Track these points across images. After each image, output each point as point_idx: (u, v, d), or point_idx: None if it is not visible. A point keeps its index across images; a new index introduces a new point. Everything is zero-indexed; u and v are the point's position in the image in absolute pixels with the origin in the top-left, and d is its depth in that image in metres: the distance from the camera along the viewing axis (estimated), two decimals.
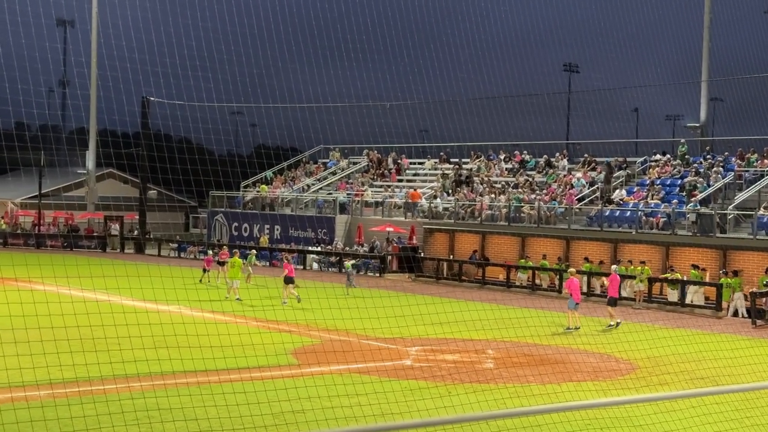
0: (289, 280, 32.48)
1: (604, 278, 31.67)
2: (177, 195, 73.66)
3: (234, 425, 13.98)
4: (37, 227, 63.69)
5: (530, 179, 50.00)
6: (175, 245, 58.60)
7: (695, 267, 35.92)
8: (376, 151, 62.60)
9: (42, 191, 63.31)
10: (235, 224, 59.28)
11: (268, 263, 51.05)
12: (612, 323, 28.43)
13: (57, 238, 61.79)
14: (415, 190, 54.29)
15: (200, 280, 38.35)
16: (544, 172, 50.85)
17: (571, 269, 31.36)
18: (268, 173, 63.39)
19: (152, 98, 57.94)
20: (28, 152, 58.32)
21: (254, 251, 42.79)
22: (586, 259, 39.32)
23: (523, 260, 41.93)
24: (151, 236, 62.57)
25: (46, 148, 59.79)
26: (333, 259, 49.90)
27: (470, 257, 44.40)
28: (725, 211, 39.23)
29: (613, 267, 31.95)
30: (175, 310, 26.54)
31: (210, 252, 42.14)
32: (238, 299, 32.55)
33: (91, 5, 62.79)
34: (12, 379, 15.56)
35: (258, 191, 61.28)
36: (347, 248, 51.69)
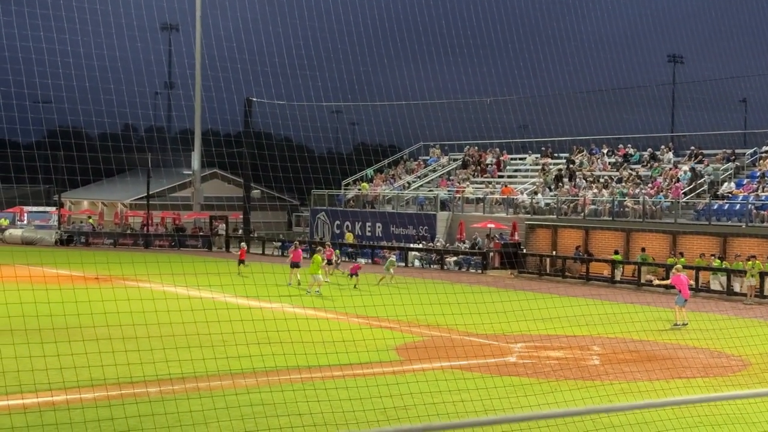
0: (294, 265, 36.82)
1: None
2: (280, 194, 74.67)
3: (340, 420, 14.11)
4: (145, 227, 65.37)
5: (634, 173, 49.10)
6: (279, 244, 59.39)
7: None
8: (476, 148, 62.34)
9: (150, 192, 64.93)
10: (337, 222, 59.79)
11: (370, 260, 51.32)
12: None
13: (165, 238, 63.37)
14: (506, 185, 54.01)
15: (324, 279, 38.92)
16: (649, 165, 49.88)
17: (678, 265, 30.67)
18: (369, 171, 63.74)
19: (255, 98, 58.85)
20: (136, 154, 59.95)
21: (393, 257, 42.32)
22: (681, 254, 38.45)
23: (616, 255, 41.27)
24: (255, 235, 63.55)
25: (153, 150, 61.36)
26: (434, 256, 49.88)
27: (574, 253, 43.85)
28: None
29: None
30: (278, 307, 26.90)
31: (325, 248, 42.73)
32: (317, 292, 33.24)
33: (194, 9, 64.13)
34: (122, 375, 15.99)
35: (359, 189, 61.68)
36: (448, 245, 51.60)
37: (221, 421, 13.87)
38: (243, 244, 45.93)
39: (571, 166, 53.54)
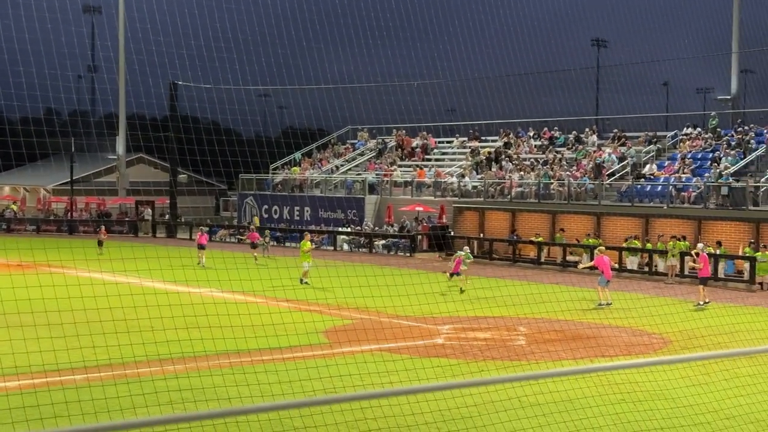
0: (201, 247, 39.10)
1: (693, 257, 31.08)
2: (207, 178, 73.96)
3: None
4: (69, 213, 64.21)
5: (560, 156, 49.74)
6: (206, 229, 58.84)
7: (719, 244, 35.78)
8: (403, 132, 62.43)
9: (73, 177, 63.76)
10: (265, 206, 59.45)
11: (295, 244, 51.16)
12: (701, 302, 28.12)
13: (89, 224, 62.30)
14: (421, 168, 54.40)
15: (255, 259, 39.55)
16: (574, 148, 50.56)
17: (601, 247, 31.20)
18: (297, 155, 63.47)
19: (180, 82, 58.13)
20: (58, 138, 58.78)
21: (467, 248, 36.81)
22: (588, 235, 39.09)
23: (538, 237, 41.95)
24: (182, 220, 62.90)
25: (76, 134, 60.23)
26: (363, 239, 49.94)
27: (508, 236, 44.20)
28: (758, 184, 38.81)
29: (700, 245, 31.64)
30: (206, 292, 26.73)
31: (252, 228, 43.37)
32: (305, 282, 32.29)
33: None
34: (47, 362, 15.74)
35: (288, 173, 61.38)
36: (377, 228, 51.72)
37: (146, 406, 13.74)
38: (103, 226, 49.64)
39: (499, 148, 54.00)
